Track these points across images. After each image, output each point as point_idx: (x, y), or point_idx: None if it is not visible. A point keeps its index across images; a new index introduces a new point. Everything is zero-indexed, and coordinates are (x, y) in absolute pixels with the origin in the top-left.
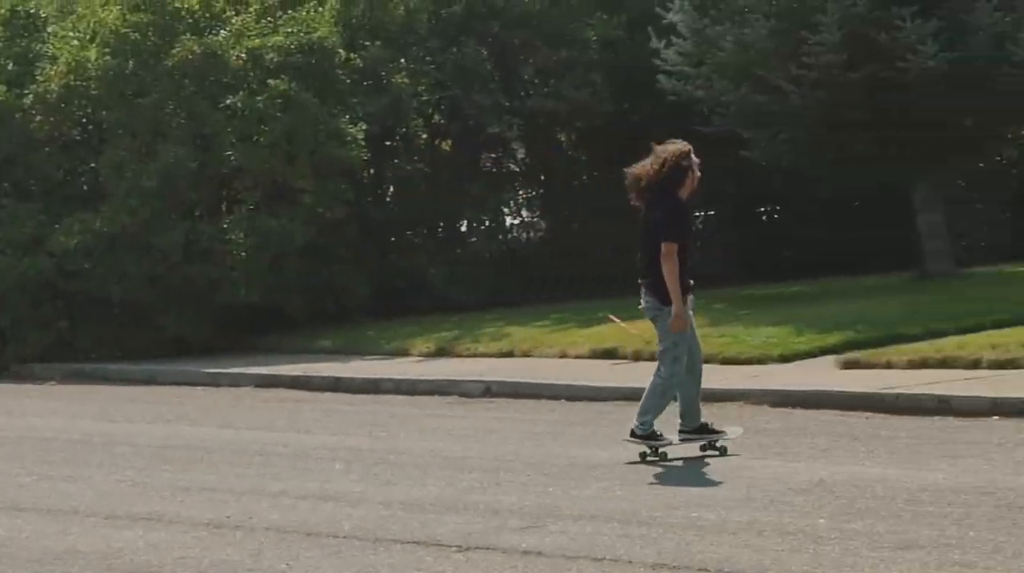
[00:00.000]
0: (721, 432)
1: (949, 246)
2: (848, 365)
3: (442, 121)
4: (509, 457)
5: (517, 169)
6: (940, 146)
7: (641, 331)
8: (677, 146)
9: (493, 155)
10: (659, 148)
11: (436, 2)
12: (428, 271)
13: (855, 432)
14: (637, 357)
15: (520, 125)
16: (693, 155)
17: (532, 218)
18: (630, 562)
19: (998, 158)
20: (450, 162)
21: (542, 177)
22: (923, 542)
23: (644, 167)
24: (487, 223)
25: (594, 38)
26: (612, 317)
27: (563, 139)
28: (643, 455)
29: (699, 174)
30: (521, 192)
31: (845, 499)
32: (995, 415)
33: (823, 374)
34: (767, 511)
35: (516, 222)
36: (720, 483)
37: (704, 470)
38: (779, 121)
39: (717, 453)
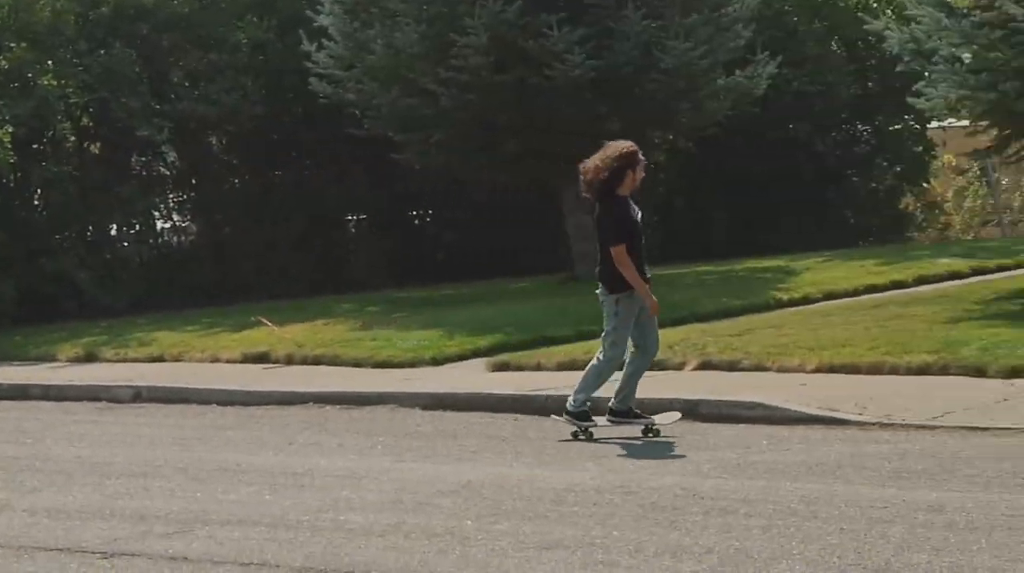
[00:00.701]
0: (647, 418)
1: (596, 249)
2: (499, 367)
3: (91, 124)
4: (158, 462)
5: (168, 172)
6: (588, 150)
7: (293, 334)
8: (619, 146)
9: (143, 158)
10: (609, 145)
11: (84, 4)
12: (77, 275)
13: (504, 434)
14: (289, 360)
15: (171, 128)
16: (639, 155)
17: (183, 222)
18: (277, 566)
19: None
20: (99, 165)
21: (193, 181)
22: (568, 542)
23: (586, 165)
24: (137, 227)
25: (245, 41)
26: (263, 320)
27: (214, 142)
28: (576, 434)
29: (642, 174)
30: (172, 196)
31: (492, 500)
32: None
33: (474, 377)
34: (415, 513)
35: (167, 226)
36: (369, 486)
37: (355, 474)
38: (430, 124)
39: (653, 436)
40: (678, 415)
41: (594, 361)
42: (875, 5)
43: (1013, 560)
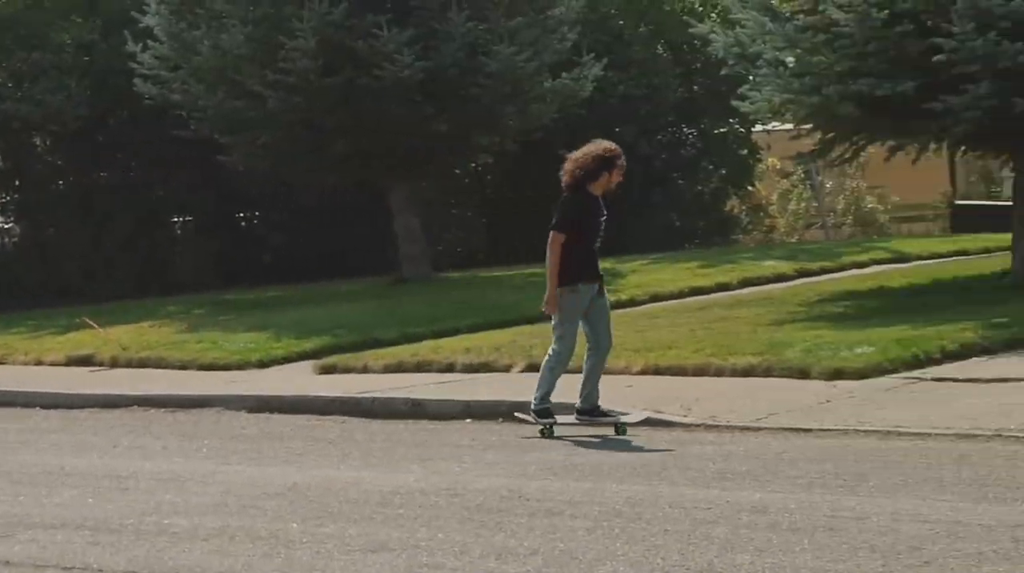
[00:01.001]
0: (614, 416)
1: (426, 250)
2: (326, 370)
3: None
4: None
5: None
6: (416, 152)
7: (118, 337)
8: (602, 146)
9: None
10: (595, 143)
11: None
12: None
13: (331, 436)
14: (114, 363)
15: None
16: (619, 160)
17: (7, 223)
18: (100, 570)
19: (473, 164)
20: None
21: (17, 182)
22: (393, 544)
23: (571, 156)
24: None
25: (69, 41)
26: (88, 321)
27: (38, 143)
28: (542, 432)
29: (619, 178)
30: None
31: (318, 503)
32: (468, 418)
33: (301, 379)
34: (240, 516)
35: None
36: (194, 489)
37: (179, 477)
38: (256, 126)
39: (622, 434)
40: (645, 414)
41: (546, 356)
42: (700, 9)
43: (834, 560)
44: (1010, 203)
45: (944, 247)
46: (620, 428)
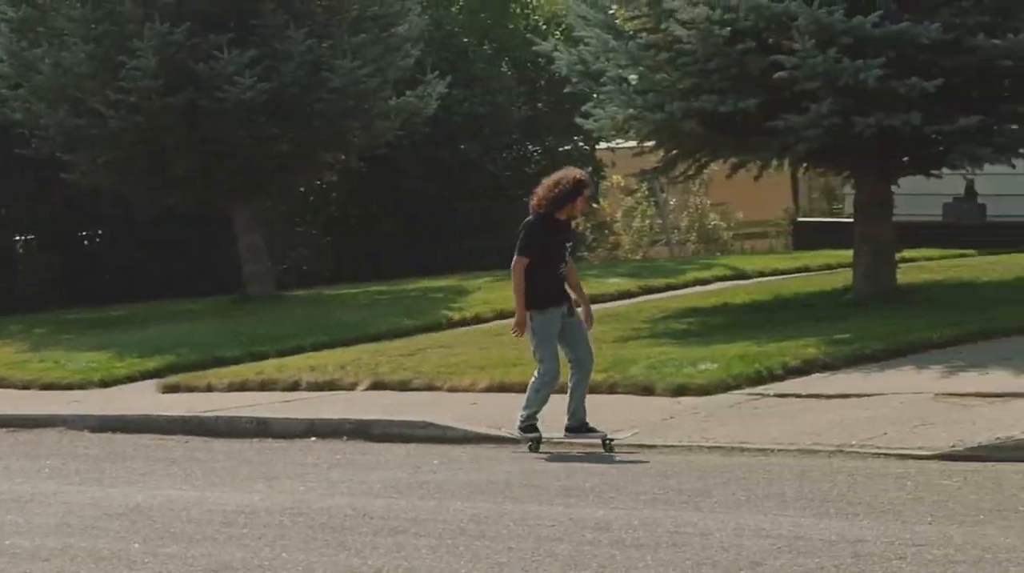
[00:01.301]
0: (601, 432)
1: (270, 269)
2: (169, 389)
3: None
4: None
5: None
6: (259, 171)
7: None
8: (570, 175)
9: None
10: (565, 170)
11: None
12: None
13: (174, 456)
14: None
15: None
16: (585, 189)
17: None
18: None
19: (318, 182)
20: None
21: None
22: (237, 564)
23: (543, 182)
24: None
25: None
26: None
27: None
28: (530, 447)
29: (583, 206)
30: None
31: (161, 523)
32: (312, 436)
33: (144, 398)
34: (82, 537)
35: None
36: (36, 510)
37: (20, 498)
38: (98, 144)
39: (609, 450)
40: (637, 430)
41: (532, 378)
42: (544, 27)
43: None
44: (851, 219)
45: (786, 264)
46: (608, 444)
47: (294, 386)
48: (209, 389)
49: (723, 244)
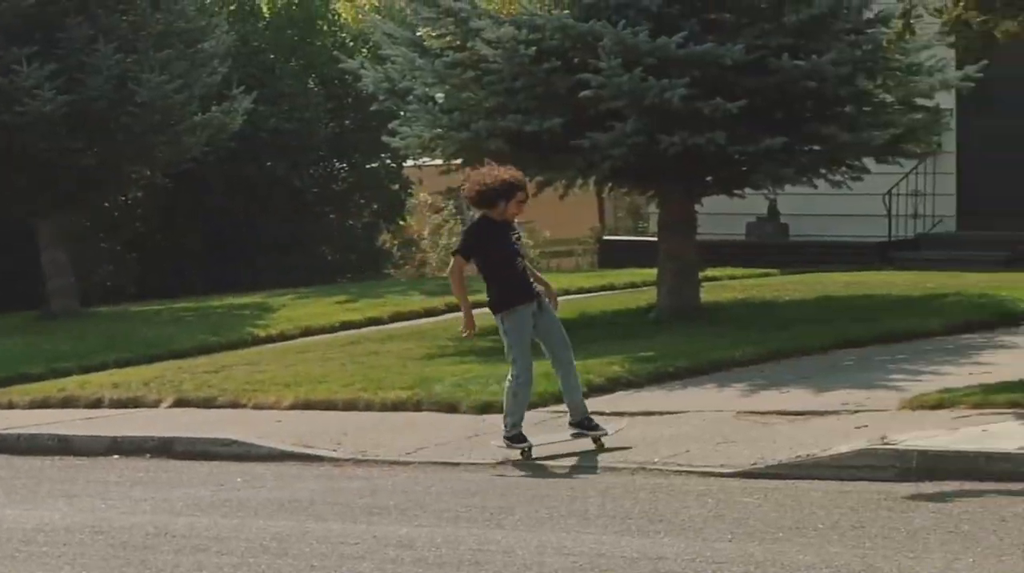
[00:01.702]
0: (598, 430)
1: (74, 285)
2: None
3: None
4: None
5: None
6: (63, 185)
7: None
8: (499, 175)
9: None
10: (495, 169)
11: None
12: None
13: None
14: None
15: None
16: (517, 191)
17: None
18: None
19: (123, 198)
20: None
21: None
22: None
23: (471, 178)
24: None
25: None
26: None
27: None
28: (523, 454)
29: (516, 211)
30: None
31: None
32: (115, 454)
33: None
34: None
35: None
36: None
37: None
38: None
39: (600, 447)
40: (623, 424)
41: (506, 383)
42: (351, 44)
43: None
44: (656, 238)
45: (592, 282)
46: (599, 442)
47: (97, 403)
48: (11, 406)
49: (530, 262)
